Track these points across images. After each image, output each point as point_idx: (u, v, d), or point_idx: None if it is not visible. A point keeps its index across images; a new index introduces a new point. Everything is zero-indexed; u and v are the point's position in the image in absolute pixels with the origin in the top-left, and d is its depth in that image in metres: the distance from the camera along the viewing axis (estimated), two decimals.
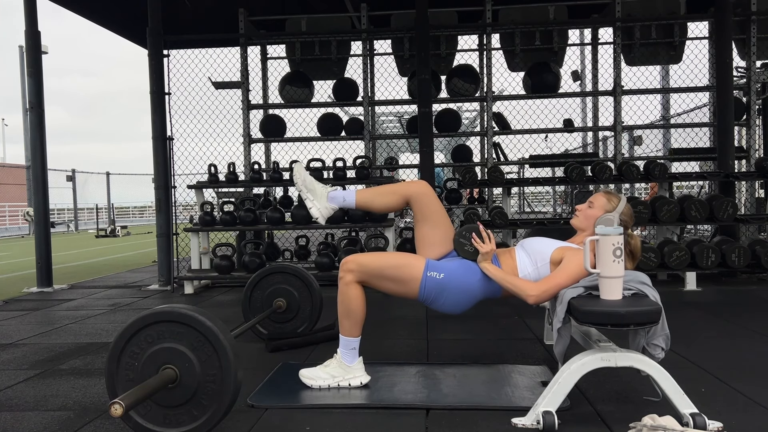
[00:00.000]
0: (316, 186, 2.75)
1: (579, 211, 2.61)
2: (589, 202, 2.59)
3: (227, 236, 7.54)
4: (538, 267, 2.51)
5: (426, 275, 2.50)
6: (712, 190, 7.00)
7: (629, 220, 2.53)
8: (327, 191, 2.74)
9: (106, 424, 2.28)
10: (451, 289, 2.51)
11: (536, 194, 16.82)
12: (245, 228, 5.64)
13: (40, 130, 5.93)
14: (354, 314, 2.55)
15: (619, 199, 2.53)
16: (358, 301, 2.54)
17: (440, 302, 2.54)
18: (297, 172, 2.76)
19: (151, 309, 2.03)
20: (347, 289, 2.54)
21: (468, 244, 2.55)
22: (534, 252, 2.55)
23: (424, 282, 2.50)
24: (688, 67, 6.75)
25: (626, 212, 2.52)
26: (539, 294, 2.38)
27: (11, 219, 22.25)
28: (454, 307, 2.56)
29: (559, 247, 2.52)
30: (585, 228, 2.57)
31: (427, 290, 2.51)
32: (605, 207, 2.52)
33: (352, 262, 2.54)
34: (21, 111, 16.73)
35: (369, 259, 2.55)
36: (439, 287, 2.50)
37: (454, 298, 2.53)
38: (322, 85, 7.21)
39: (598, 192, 2.65)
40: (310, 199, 2.74)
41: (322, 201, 2.73)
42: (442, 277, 2.50)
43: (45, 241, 5.99)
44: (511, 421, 2.16)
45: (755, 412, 2.24)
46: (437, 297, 2.52)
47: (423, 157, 5.62)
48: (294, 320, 3.43)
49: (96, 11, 6.89)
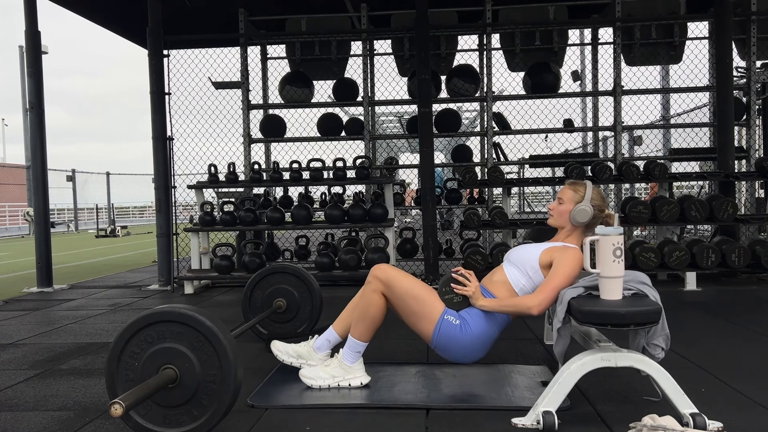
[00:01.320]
0: (300, 350, 2.74)
1: (551, 209, 2.62)
2: (558, 199, 2.60)
3: (227, 236, 7.54)
4: (530, 276, 2.50)
5: (443, 317, 2.46)
6: (712, 190, 6.99)
7: (601, 202, 2.54)
8: (311, 345, 2.73)
9: (106, 424, 2.28)
10: (466, 333, 2.44)
11: (536, 194, 16.82)
12: (245, 228, 5.64)
13: (40, 130, 5.93)
14: (372, 321, 2.54)
15: (585, 187, 2.54)
16: (380, 310, 2.53)
17: (454, 348, 2.47)
18: (276, 350, 2.77)
19: (151, 309, 2.03)
20: (373, 295, 2.52)
21: (454, 296, 2.50)
22: (521, 262, 2.53)
23: (440, 323, 2.46)
24: (688, 67, 6.76)
25: (595, 197, 2.53)
26: (540, 303, 2.37)
27: (11, 219, 22.26)
28: (469, 353, 2.49)
29: (544, 250, 2.51)
30: (562, 224, 2.58)
31: (441, 332, 2.46)
32: (574, 199, 2.53)
33: (383, 273, 2.52)
34: (21, 111, 16.72)
35: (398, 280, 2.51)
36: (455, 332, 2.45)
37: (469, 345, 2.46)
38: (322, 85, 7.21)
39: (563, 186, 2.63)
40: (304, 364, 2.71)
41: (314, 357, 2.71)
42: (458, 323, 2.45)
43: (45, 241, 5.99)
44: (511, 421, 2.16)
45: (755, 412, 2.24)
46: (450, 341, 2.46)
47: (423, 157, 5.62)
48: (294, 320, 3.43)
49: (96, 11, 6.89)
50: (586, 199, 2.50)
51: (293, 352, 2.75)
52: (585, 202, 2.49)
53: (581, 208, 2.48)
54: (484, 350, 2.52)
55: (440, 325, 2.46)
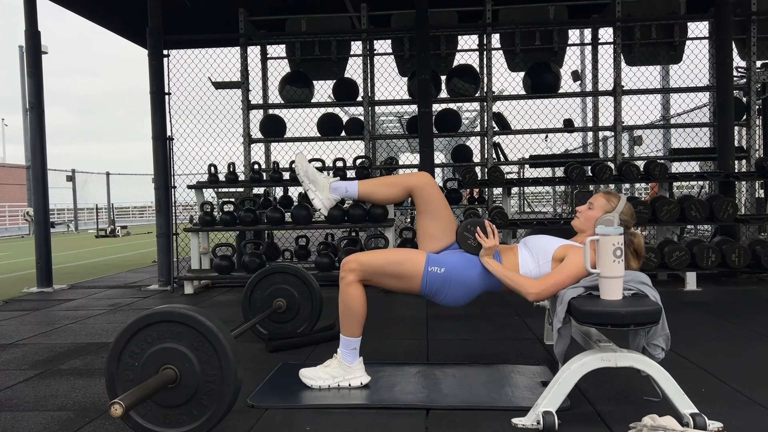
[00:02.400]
0: (318, 177, 2.74)
1: (579, 212, 2.61)
2: (588, 204, 2.59)
3: (227, 236, 7.55)
4: (539, 264, 2.51)
5: (427, 270, 2.51)
6: (712, 190, 7.00)
7: (630, 220, 2.51)
8: (329, 182, 2.73)
9: (106, 424, 2.28)
10: (452, 283, 2.51)
11: (536, 194, 16.83)
12: (245, 228, 5.64)
13: (40, 130, 5.93)
14: (355, 314, 2.55)
15: (618, 199, 2.53)
16: (359, 300, 2.54)
17: (441, 296, 2.55)
18: (299, 162, 2.75)
19: (151, 309, 2.03)
20: (348, 288, 2.54)
21: (471, 238, 2.54)
22: (537, 249, 2.55)
23: (426, 277, 2.51)
24: (688, 67, 6.76)
25: (626, 212, 2.51)
26: (539, 292, 2.38)
27: (11, 219, 22.26)
28: (455, 300, 2.57)
29: (562, 245, 2.51)
30: (585, 229, 2.57)
31: (428, 285, 2.52)
32: (605, 208, 2.52)
33: (353, 262, 2.54)
34: (21, 111, 16.73)
35: (370, 258, 2.55)
36: (441, 281, 2.51)
37: (455, 292, 2.54)
38: (322, 85, 7.21)
39: (597, 193, 2.65)
40: (312, 190, 2.73)
41: (324, 192, 2.72)
42: (443, 272, 2.51)
43: (45, 241, 5.99)
44: (511, 421, 2.16)
45: (755, 412, 2.24)
46: (438, 291, 2.53)
47: (423, 157, 5.62)
48: (294, 320, 3.43)
49: (96, 11, 6.89)
50: (616, 210, 2.49)
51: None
52: (614, 213, 2.48)
53: (608, 218, 2.46)
54: (470, 296, 2.57)
55: (426, 278, 2.50)
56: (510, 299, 4.46)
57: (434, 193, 2.68)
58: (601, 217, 2.48)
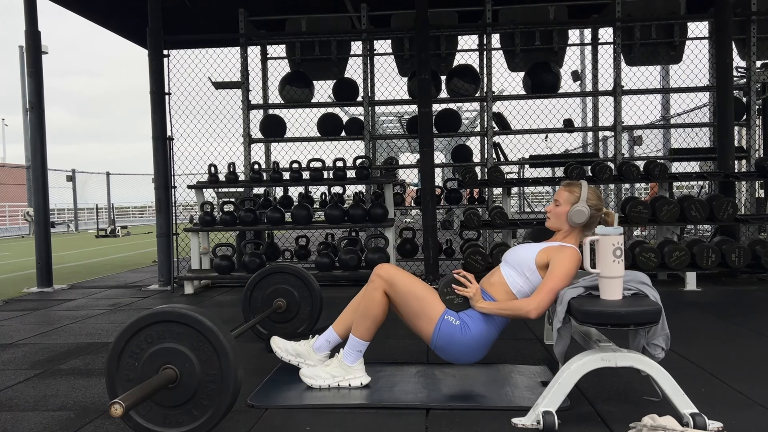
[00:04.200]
0: (299, 349, 2.75)
1: (548, 212, 2.61)
2: (554, 201, 2.60)
3: (227, 236, 7.54)
4: (527, 277, 2.49)
5: (443, 318, 2.47)
6: (712, 190, 6.99)
7: (598, 201, 2.53)
8: (311, 345, 2.74)
9: (106, 424, 2.28)
10: (466, 334, 2.45)
11: (536, 194, 16.82)
12: (245, 228, 5.64)
13: (40, 130, 5.93)
14: (373, 319, 2.55)
15: (580, 187, 2.53)
16: (381, 308, 2.54)
17: (453, 348, 2.48)
18: (275, 347, 2.77)
19: (151, 309, 2.03)
20: (375, 293, 2.53)
21: (455, 296, 2.50)
22: (517, 263, 2.53)
23: (440, 323, 2.46)
24: (688, 67, 6.76)
25: (591, 196, 2.52)
26: (537, 306, 2.37)
27: (11, 219, 22.25)
28: (469, 354, 2.50)
29: (540, 250, 2.50)
30: (560, 226, 2.58)
31: (440, 333, 2.46)
32: (570, 200, 2.53)
33: (385, 272, 2.54)
34: (21, 111, 16.73)
35: (401, 279, 2.53)
36: (454, 332, 2.45)
37: (469, 346, 2.47)
38: (322, 85, 7.21)
39: (559, 187, 2.63)
40: (302, 362, 2.72)
41: (313, 357, 2.72)
42: (458, 324, 2.46)
43: (45, 241, 5.99)
44: (511, 421, 2.16)
45: (755, 412, 2.24)
46: (450, 342, 2.46)
47: (423, 157, 5.62)
48: (294, 320, 3.43)
49: (96, 11, 6.89)
50: (582, 199, 2.50)
51: (292, 350, 2.76)
52: (581, 202, 2.49)
53: (578, 209, 2.48)
54: (484, 351, 2.53)
55: (440, 325, 2.46)
56: None
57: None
58: (570, 210, 2.49)
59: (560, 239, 2.57)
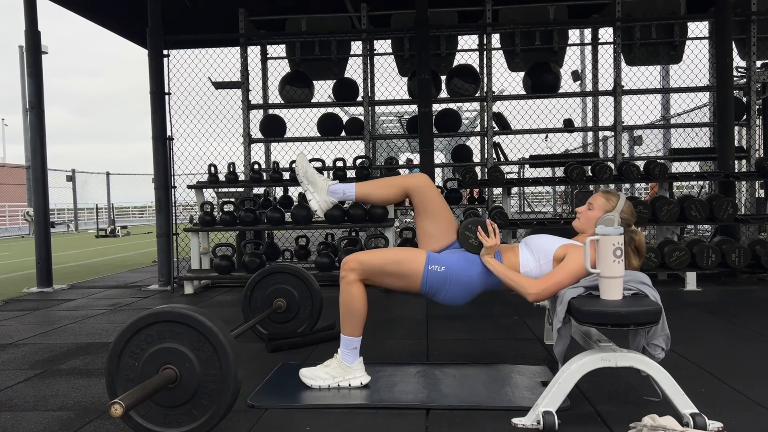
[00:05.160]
0: (317, 178, 2.75)
1: (579, 213, 2.60)
2: (588, 204, 2.58)
3: (227, 236, 7.54)
4: (540, 264, 2.50)
5: (427, 269, 2.51)
6: (712, 190, 7.00)
7: (630, 218, 2.51)
8: (328, 184, 2.74)
9: (106, 424, 2.28)
10: (452, 281, 2.52)
11: (536, 194, 16.82)
12: (245, 228, 5.64)
13: (40, 130, 5.93)
14: (356, 314, 2.55)
15: (618, 198, 2.52)
16: (360, 300, 2.55)
17: (442, 295, 2.56)
18: (299, 162, 2.76)
19: (151, 309, 2.03)
20: (349, 288, 2.54)
21: (473, 237, 2.55)
22: (538, 249, 2.54)
23: (426, 276, 2.51)
24: (688, 67, 6.76)
25: (626, 210, 2.50)
26: (539, 292, 2.37)
27: (11, 219, 22.25)
28: (455, 299, 2.57)
29: (563, 244, 2.51)
30: (586, 230, 2.55)
31: (429, 283, 2.52)
32: (604, 207, 2.51)
33: (353, 261, 2.54)
34: (21, 111, 16.73)
35: (370, 257, 2.55)
36: (441, 280, 2.51)
37: (455, 291, 2.54)
38: (322, 85, 7.21)
39: (597, 193, 2.64)
40: (310, 191, 2.73)
41: (322, 194, 2.72)
42: (443, 270, 2.51)
43: (45, 241, 5.99)
44: (511, 421, 2.16)
45: (755, 412, 2.24)
46: (439, 290, 2.53)
47: (423, 157, 5.62)
48: (294, 320, 3.43)
49: (96, 11, 6.89)
50: (616, 209, 2.48)
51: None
52: (614, 212, 2.47)
53: (608, 218, 2.46)
54: (471, 295, 2.57)
55: (427, 276, 2.51)
56: (510, 299, 4.46)
57: (432, 194, 2.68)
58: (602, 216, 2.47)
59: (582, 242, 2.56)
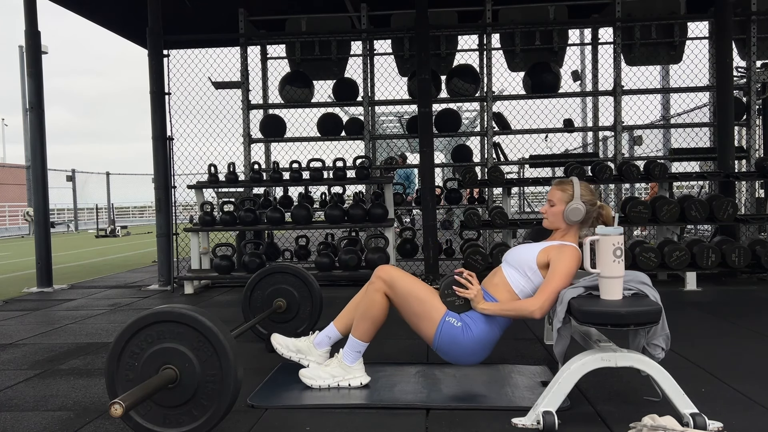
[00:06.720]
0: (300, 345, 2.76)
1: (544, 213, 2.61)
2: (549, 201, 2.59)
3: (227, 236, 7.54)
4: (529, 277, 2.49)
5: (444, 319, 2.46)
6: (712, 190, 7.00)
7: (591, 196, 2.53)
8: (311, 341, 2.74)
9: (106, 424, 2.28)
10: (467, 337, 2.45)
11: (536, 194, 16.81)
12: (245, 228, 5.64)
13: (40, 130, 5.93)
14: (373, 320, 2.55)
15: (572, 184, 2.53)
16: (382, 310, 2.54)
17: (455, 352, 2.47)
18: (276, 344, 2.78)
19: (151, 309, 2.03)
20: (376, 295, 2.53)
21: (456, 298, 2.49)
22: (519, 263, 2.52)
23: (441, 326, 2.46)
24: (688, 67, 6.76)
25: (584, 192, 2.52)
26: (541, 306, 2.37)
27: (11, 219, 22.24)
28: (471, 355, 2.49)
29: (540, 250, 2.50)
30: (558, 226, 2.58)
31: (442, 335, 2.46)
32: (563, 199, 2.53)
33: (386, 273, 2.54)
34: (21, 111, 16.72)
35: (402, 280, 2.53)
36: (456, 333, 2.45)
37: (471, 347, 2.46)
38: (322, 85, 7.21)
39: (551, 187, 2.62)
40: (304, 359, 2.73)
41: (314, 353, 2.72)
42: (460, 325, 2.45)
43: (45, 241, 5.99)
44: (511, 421, 2.16)
45: (755, 412, 2.24)
46: (452, 345, 2.46)
47: (423, 157, 5.62)
48: (294, 320, 3.43)
49: (96, 11, 6.89)
50: (576, 197, 2.49)
51: (293, 346, 2.76)
52: (576, 200, 2.49)
53: (573, 207, 2.48)
54: (486, 352, 2.52)
55: (442, 327, 2.46)
56: None
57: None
58: (565, 208, 2.49)
59: (559, 238, 2.57)
